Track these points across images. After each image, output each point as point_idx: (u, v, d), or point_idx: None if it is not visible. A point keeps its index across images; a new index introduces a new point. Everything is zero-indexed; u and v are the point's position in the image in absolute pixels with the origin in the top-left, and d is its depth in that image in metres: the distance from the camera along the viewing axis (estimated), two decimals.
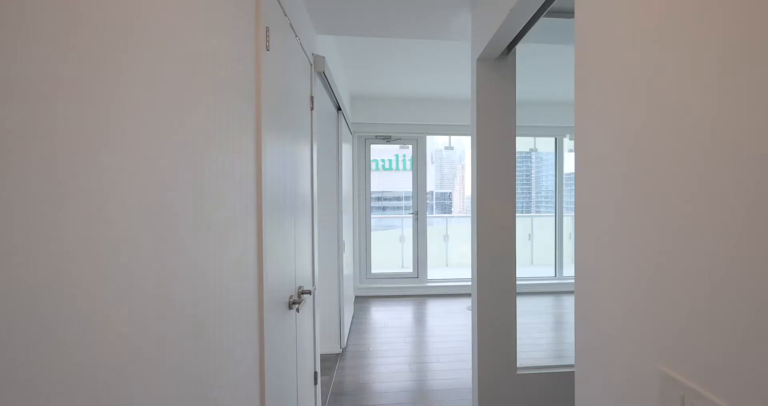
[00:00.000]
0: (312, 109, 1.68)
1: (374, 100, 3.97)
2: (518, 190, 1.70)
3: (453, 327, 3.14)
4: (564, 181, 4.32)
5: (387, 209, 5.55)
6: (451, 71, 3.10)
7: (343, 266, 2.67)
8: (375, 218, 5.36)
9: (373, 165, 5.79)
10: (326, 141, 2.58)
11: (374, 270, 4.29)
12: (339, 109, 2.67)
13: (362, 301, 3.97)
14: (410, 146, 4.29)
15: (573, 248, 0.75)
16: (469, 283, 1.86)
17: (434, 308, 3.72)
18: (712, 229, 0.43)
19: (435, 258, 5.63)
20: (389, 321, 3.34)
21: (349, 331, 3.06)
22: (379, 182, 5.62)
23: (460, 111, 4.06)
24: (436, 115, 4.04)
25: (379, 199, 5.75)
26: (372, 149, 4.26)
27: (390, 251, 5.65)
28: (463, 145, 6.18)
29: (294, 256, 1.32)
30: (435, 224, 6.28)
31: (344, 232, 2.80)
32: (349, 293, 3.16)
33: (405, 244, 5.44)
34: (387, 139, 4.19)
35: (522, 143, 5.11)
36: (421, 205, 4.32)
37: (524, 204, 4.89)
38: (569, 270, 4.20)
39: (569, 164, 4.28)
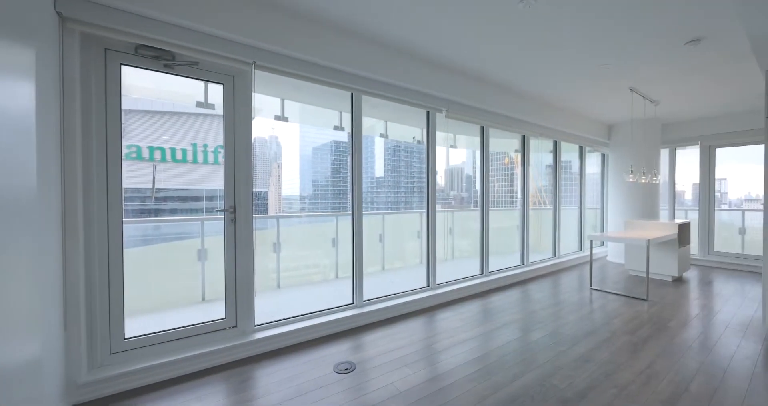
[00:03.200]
0: None
1: None
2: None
3: None
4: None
5: (179, 212, 3.24)
6: None
7: None
8: (140, 226, 3.00)
9: (157, 154, 3.42)
10: None
11: (132, 331, 2.06)
12: None
13: None
14: (220, 88, 2.31)
15: None
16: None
17: (274, 387, 1.95)
18: None
19: (261, 279, 3.78)
20: None
21: None
22: (162, 176, 3.23)
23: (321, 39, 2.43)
24: (279, 32, 2.25)
25: (161, 198, 3.34)
26: (126, 77, 2.00)
27: (176, 278, 3.32)
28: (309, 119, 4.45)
29: None
30: (258, 228, 4.32)
31: None
32: None
33: (211, 264, 3.29)
34: (166, 60, 2.05)
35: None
36: (242, 197, 2.42)
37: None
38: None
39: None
